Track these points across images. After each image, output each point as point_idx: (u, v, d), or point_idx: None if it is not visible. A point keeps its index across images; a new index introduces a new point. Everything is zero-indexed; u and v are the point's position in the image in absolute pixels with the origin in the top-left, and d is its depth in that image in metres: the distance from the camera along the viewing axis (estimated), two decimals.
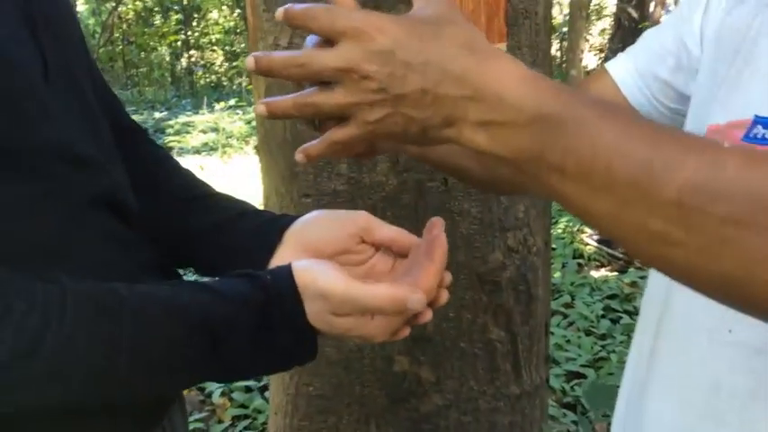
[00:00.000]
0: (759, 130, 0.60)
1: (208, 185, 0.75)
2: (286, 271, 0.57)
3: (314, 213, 0.67)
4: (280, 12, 0.49)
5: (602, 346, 2.92)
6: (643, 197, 0.40)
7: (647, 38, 0.77)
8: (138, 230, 0.64)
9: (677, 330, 0.68)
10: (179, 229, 0.70)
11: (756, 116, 0.60)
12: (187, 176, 0.75)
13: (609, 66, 0.77)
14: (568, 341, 2.96)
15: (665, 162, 0.40)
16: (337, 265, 0.58)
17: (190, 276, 2.23)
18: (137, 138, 0.76)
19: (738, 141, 0.61)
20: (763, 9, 0.64)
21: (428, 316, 0.59)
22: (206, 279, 0.60)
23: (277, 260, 0.64)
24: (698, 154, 0.40)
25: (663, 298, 0.70)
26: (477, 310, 1.20)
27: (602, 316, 3.24)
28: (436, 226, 0.61)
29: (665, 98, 0.74)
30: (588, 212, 0.44)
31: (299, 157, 0.55)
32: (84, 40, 0.68)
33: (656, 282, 0.73)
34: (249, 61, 0.50)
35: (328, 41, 0.48)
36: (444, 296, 0.60)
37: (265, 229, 0.67)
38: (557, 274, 3.70)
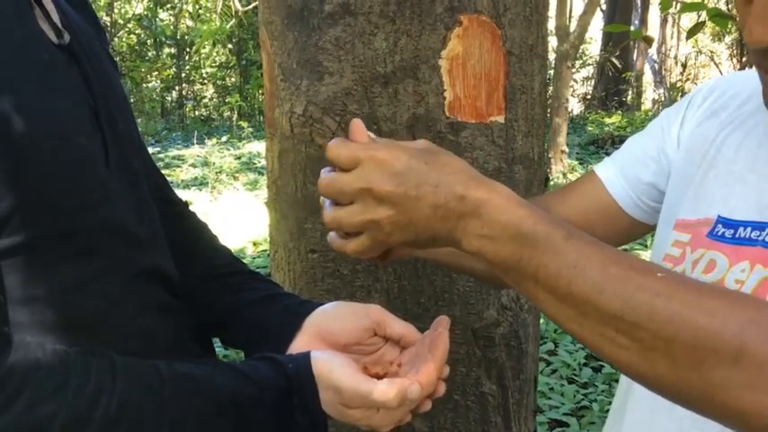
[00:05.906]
0: (720, 228, 0.69)
1: (241, 263, 0.82)
2: (305, 362, 0.63)
3: (333, 304, 0.74)
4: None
5: (585, 395, 2.98)
6: (596, 310, 0.50)
7: (631, 145, 0.86)
8: (179, 298, 0.70)
9: (643, 401, 0.74)
10: (211, 303, 0.76)
11: (720, 216, 0.69)
12: (222, 252, 0.82)
13: (597, 169, 0.87)
14: (552, 389, 3.02)
15: (612, 285, 0.49)
16: (351, 361, 0.64)
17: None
18: (179, 211, 0.83)
19: (704, 237, 0.70)
20: (729, 125, 0.74)
21: (427, 406, 0.66)
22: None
23: (296, 344, 0.71)
24: (639, 279, 0.49)
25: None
26: (471, 365, 1.26)
27: (585, 364, 3.31)
28: (441, 324, 0.68)
29: (647, 198, 0.82)
30: (556, 318, 0.53)
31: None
32: (135, 124, 0.75)
33: None
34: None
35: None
36: (442, 388, 0.67)
37: (289, 312, 0.74)
38: (540, 321, 3.76)
